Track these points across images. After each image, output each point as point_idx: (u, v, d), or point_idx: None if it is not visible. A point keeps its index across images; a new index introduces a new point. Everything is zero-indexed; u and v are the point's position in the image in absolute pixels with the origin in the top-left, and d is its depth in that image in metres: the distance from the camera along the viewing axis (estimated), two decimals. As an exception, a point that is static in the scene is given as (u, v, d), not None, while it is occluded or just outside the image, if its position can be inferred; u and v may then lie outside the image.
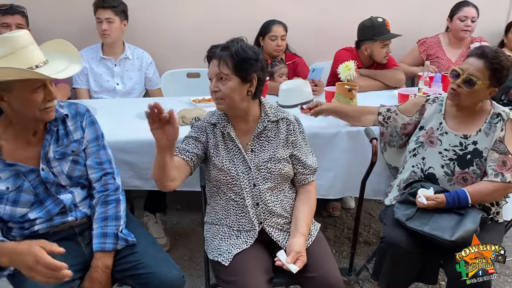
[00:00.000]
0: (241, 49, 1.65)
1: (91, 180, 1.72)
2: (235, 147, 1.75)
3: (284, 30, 3.03)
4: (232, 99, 1.67)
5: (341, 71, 2.38)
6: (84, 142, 1.70)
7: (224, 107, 1.71)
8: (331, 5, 3.47)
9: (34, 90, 1.47)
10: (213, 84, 1.68)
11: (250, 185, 1.72)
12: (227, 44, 1.68)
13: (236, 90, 1.66)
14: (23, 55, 1.44)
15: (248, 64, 1.65)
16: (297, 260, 1.59)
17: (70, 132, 1.68)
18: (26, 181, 1.58)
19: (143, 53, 3.14)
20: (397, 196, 2.03)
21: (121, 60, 3.05)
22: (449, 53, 3.28)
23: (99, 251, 1.61)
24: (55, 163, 1.63)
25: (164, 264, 1.62)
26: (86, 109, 1.74)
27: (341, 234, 2.90)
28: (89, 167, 1.71)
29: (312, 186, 1.84)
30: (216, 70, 1.65)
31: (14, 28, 2.80)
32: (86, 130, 1.71)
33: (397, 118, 2.16)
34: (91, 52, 3.05)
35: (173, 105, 2.59)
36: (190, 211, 3.13)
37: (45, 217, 1.62)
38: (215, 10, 3.36)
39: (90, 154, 1.72)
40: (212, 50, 1.69)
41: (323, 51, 3.41)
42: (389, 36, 2.87)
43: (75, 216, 1.67)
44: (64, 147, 1.66)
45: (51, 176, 1.62)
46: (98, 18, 2.91)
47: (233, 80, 1.65)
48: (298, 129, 1.82)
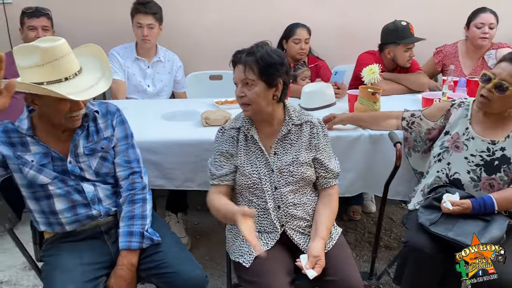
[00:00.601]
0: (266, 54, 1.66)
1: (119, 177, 1.75)
2: (257, 150, 1.76)
3: (308, 34, 3.04)
4: (258, 104, 1.69)
5: (365, 74, 2.38)
6: (114, 140, 1.74)
7: (250, 113, 1.72)
8: (353, 8, 3.47)
9: (61, 99, 1.50)
10: (239, 90, 1.69)
11: (272, 188, 1.73)
12: (252, 49, 1.68)
13: (262, 95, 1.68)
14: (57, 66, 1.48)
15: (274, 69, 1.66)
16: (316, 265, 1.59)
17: (101, 129, 1.72)
18: (51, 164, 1.63)
19: (174, 56, 3.20)
20: (421, 201, 2.01)
21: (154, 62, 3.11)
22: (464, 65, 3.15)
23: (125, 249, 1.64)
24: (83, 158, 1.68)
25: (188, 264, 1.64)
26: (117, 108, 1.78)
27: (361, 238, 2.88)
28: (117, 165, 1.75)
29: (334, 190, 1.83)
30: (242, 76, 1.67)
31: (40, 30, 2.89)
32: (116, 129, 1.75)
33: (421, 123, 2.15)
34: (125, 50, 3.09)
35: (197, 106, 2.64)
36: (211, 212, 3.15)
37: (69, 205, 1.66)
38: (237, 13, 3.41)
39: (119, 152, 1.76)
40: (237, 55, 1.70)
41: (345, 54, 3.42)
42: (412, 40, 2.85)
43: (98, 210, 1.70)
44: (94, 144, 1.70)
45: (77, 170, 1.67)
46: (139, 23, 2.94)
47: (259, 85, 1.66)
48: (321, 133, 1.82)
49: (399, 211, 3.18)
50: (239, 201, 1.80)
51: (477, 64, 3.12)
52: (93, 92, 1.53)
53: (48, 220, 1.68)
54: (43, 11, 2.96)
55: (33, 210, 1.68)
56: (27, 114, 1.63)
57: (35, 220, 1.71)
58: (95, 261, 1.63)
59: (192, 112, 2.55)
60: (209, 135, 2.20)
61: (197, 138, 2.20)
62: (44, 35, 2.83)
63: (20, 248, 1.77)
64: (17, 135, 1.61)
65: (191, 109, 2.62)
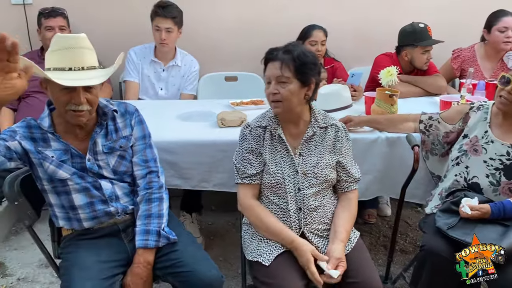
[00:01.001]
0: (302, 53, 1.68)
1: (136, 176, 1.77)
2: (283, 150, 1.76)
3: (324, 35, 3.03)
4: (290, 102, 1.69)
5: (383, 77, 2.36)
6: (132, 139, 1.76)
7: (281, 110, 1.72)
8: (370, 9, 3.46)
9: (61, 89, 1.53)
10: (273, 87, 1.69)
11: (295, 189, 1.73)
12: (288, 47, 1.70)
13: (295, 94, 1.69)
14: (66, 55, 1.53)
15: (308, 68, 1.68)
16: (338, 267, 1.59)
17: (119, 128, 1.74)
18: (70, 160, 1.66)
19: (192, 61, 3.18)
20: (438, 204, 1.99)
21: (169, 66, 3.10)
22: (484, 68, 3.10)
23: (142, 247, 1.66)
24: (102, 156, 1.70)
25: (204, 263, 1.65)
26: (135, 109, 1.80)
27: (376, 241, 2.86)
28: (135, 164, 1.76)
29: (354, 194, 1.83)
30: (278, 72, 1.67)
31: (57, 30, 2.93)
32: (135, 128, 1.77)
33: (439, 126, 2.13)
34: (144, 51, 3.10)
35: (212, 107, 2.65)
36: (225, 212, 3.16)
37: (88, 201, 1.68)
38: (253, 15, 3.41)
39: (137, 151, 1.77)
40: (273, 52, 1.71)
41: (361, 56, 3.40)
42: (430, 42, 2.82)
43: (116, 207, 1.71)
44: (113, 142, 1.72)
45: (95, 167, 1.69)
46: (157, 27, 2.92)
47: (294, 84, 1.68)
48: (345, 137, 1.83)
49: (414, 215, 3.14)
50: (262, 200, 1.80)
51: (497, 67, 3.08)
52: (79, 83, 1.52)
53: (67, 215, 1.71)
54: (59, 11, 3.01)
55: (53, 205, 1.71)
56: (48, 112, 1.67)
57: (54, 215, 1.73)
58: (112, 259, 1.64)
59: (208, 113, 2.56)
60: (225, 136, 2.22)
61: (213, 138, 2.21)
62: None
63: (39, 244, 1.78)
64: (38, 131, 1.64)
65: (207, 110, 2.63)
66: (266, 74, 1.73)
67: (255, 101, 2.77)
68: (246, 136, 1.80)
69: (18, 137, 1.60)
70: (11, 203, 1.71)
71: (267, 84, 1.74)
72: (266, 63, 1.74)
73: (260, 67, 3.39)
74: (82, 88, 1.54)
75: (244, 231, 1.86)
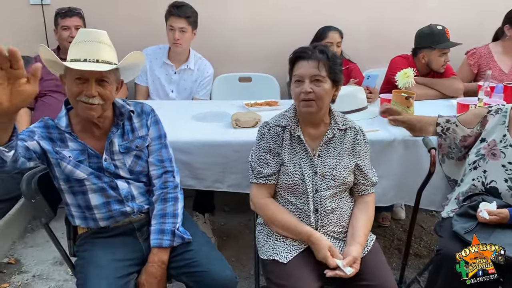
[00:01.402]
0: (334, 54, 1.71)
1: (152, 176, 1.77)
2: (303, 151, 1.76)
3: (340, 37, 3.01)
4: (323, 102, 1.70)
5: (399, 78, 2.34)
6: (148, 139, 1.77)
7: (314, 109, 1.71)
8: (386, 10, 3.44)
9: (74, 80, 1.56)
10: (307, 85, 1.68)
11: (313, 191, 1.72)
12: (321, 47, 1.71)
13: (328, 93, 1.70)
14: (84, 47, 1.56)
15: (339, 70, 1.70)
16: (351, 267, 1.58)
17: (136, 128, 1.75)
18: (87, 160, 1.67)
19: (206, 65, 3.13)
20: (455, 209, 1.96)
21: (181, 69, 3.07)
22: (502, 64, 3.09)
23: (156, 246, 1.66)
24: (118, 156, 1.71)
25: (218, 264, 1.65)
26: (151, 109, 1.81)
27: (390, 245, 2.83)
28: (150, 164, 1.77)
29: (371, 197, 1.82)
30: (315, 71, 1.67)
31: (73, 29, 2.96)
32: (151, 129, 1.77)
33: (456, 130, 2.10)
34: (157, 52, 3.07)
35: (227, 108, 2.65)
36: (238, 213, 3.16)
37: (104, 201, 1.69)
38: (269, 15, 3.40)
39: (153, 151, 1.78)
40: (306, 51, 1.70)
41: (377, 57, 3.38)
42: (448, 45, 2.79)
43: (131, 207, 1.72)
44: (129, 142, 1.73)
45: (112, 167, 1.70)
46: (171, 26, 2.90)
47: (327, 83, 1.69)
48: (363, 140, 1.82)
49: (429, 219, 3.11)
50: (278, 200, 1.79)
51: None
52: (86, 67, 1.52)
53: (84, 215, 1.72)
54: (75, 11, 3.05)
55: (69, 204, 1.72)
56: (65, 112, 1.68)
57: (70, 214, 1.75)
58: (127, 258, 1.65)
59: (222, 114, 2.57)
60: (239, 137, 2.22)
61: (227, 139, 2.21)
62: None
63: (55, 242, 1.80)
64: (56, 131, 1.66)
65: (221, 111, 2.63)
66: (297, 73, 1.70)
67: (269, 102, 2.76)
68: (264, 135, 1.78)
69: (37, 137, 1.61)
70: (28, 201, 1.73)
71: (297, 83, 1.71)
72: (295, 61, 1.72)
73: (274, 68, 3.43)
74: (95, 81, 1.55)
75: (258, 231, 1.85)
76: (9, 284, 2.45)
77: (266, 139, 1.77)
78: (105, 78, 1.58)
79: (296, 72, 1.71)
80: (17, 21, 3.29)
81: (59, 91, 2.90)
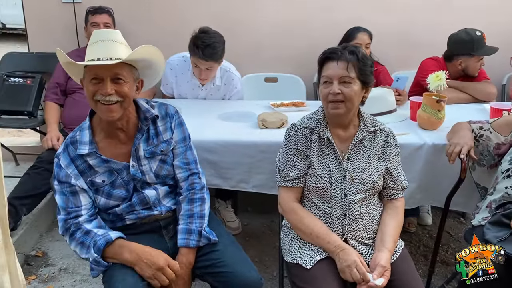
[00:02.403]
0: (364, 55, 1.67)
1: (178, 179, 1.76)
2: (332, 153, 1.73)
3: (369, 38, 2.97)
4: (352, 103, 1.67)
5: (431, 81, 2.28)
6: (173, 142, 1.75)
7: (342, 111, 1.68)
8: (418, 13, 3.37)
9: (90, 80, 1.56)
10: (336, 86, 1.65)
11: (341, 195, 1.69)
12: (351, 48, 1.68)
13: (357, 95, 1.67)
14: (97, 47, 1.57)
15: (369, 71, 1.67)
16: (382, 276, 1.54)
17: (160, 132, 1.73)
18: (119, 178, 1.67)
19: (233, 79, 2.90)
20: (487, 217, 1.90)
21: (208, 85, 2.88)
22: None
23: (183, 246, 1.66)
24: (144, 161, 1.70)
25: (244, 264, 1.64)
26: (175, 111, 1.79)
27: (416, 251, 2.77)
28: (176, 167, 1.76)
29: (401, 202, 1.78)
30: (344, 72, 1.65)
31: (102, 26, 2.99)
32: (175, 131, 1.75)
33: (490, 137, 2.03)
34: (182, 65, 2.86)
35: (252, 108, 2.65)
36: (261, 214, 3.14)
37: (129, 209, 1.71)
38: (297, 16, 3.37)
39: (178, 154, 1.76)
40: (336, 52, 1.67)
41: (406, 59, 3.33)
42: (487, 52, 2.72)
43: (159, 211, 1.74)
44: (154, 147, 1.71)
45: (139, 174, 1.69)
46: (195, 64, 2.66)
47: (356, 85, 1.66)
48: (393, 143, 1.78)
49: (457, 226, 3.03)
50: (305, 204, 1.77)
51: None
52: (94, 62, 1.54)
53: (111, 219, 1.74)
54: (105, 8, 3.11)
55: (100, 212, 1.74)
56: (89, 123, 1.67)
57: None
58: None
59: (248, 114, 2.56)
60: (265, 137, 2.21)
61: (253, 139, 2.21)
62: None
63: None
64: (81, 161, 1.65)
65: (247, 111, 2.63)
66: (326, 74, 1.68)
67: (295, 102, 2.74)
68: (292, 137, 1.76)
69: (73, 181, 1.63)
70: (58, 196, 1.75)
71: (325, 84, 1.69)
72: (324, 62, 1.70)
73: (300, 69, 3.40)
74: (110, 80, 1.55)
75: (284, 233, 1.83)
76: (36, 276, 2.50)
77: (293, 141, 1.74)
78: (119, 76, 1.57)
79: (325, 73, 1.69)
80: (49, 18, 3.35)
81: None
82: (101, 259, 1.56)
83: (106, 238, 1.57)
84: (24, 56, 3.46)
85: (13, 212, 2.46)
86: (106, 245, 1.56)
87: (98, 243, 1.56)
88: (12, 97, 3.06)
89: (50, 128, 2.86)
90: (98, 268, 1.57)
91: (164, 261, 1.57)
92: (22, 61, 3.39)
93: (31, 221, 2.74)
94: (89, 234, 1.60)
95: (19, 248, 2.52)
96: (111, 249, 1.57)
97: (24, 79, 3.13)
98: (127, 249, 1.57)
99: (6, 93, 3.07)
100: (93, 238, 1.58)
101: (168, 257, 1.60)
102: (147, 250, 1.58)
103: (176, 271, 1.58)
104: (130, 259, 1.56)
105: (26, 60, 3.39)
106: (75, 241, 1.61)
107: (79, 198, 1.63)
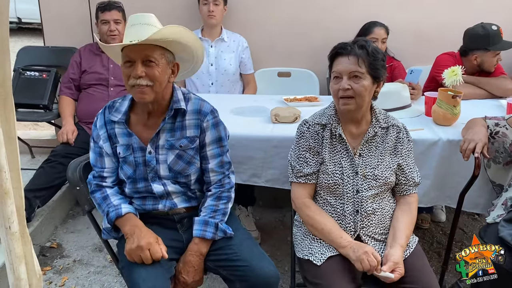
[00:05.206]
0: (375, 49, 1.64)
1: (211, 181, 1.75)
2: (343, 150, 1.72)
3: (385, 33, 2.94)
4: (362, 99, 1.65)
5: (447, 76, 2.25)
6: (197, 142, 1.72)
7: (352, 107, 1.66)
8: (435, 9, 3.31)
9: (124, 63, 1.61)
10: (345, 82, 1.63)
11: (353, 191, 1.68)
12: (361, 42, 1.65)
13: (368, 90, 1.64)
14: (132, 30, 1.60)
15: (380, 65, 1.64)
16: (394, 271, 1.54)
17: (185, 127, 1.70)
18: (132, 155, 1.70)
19: (240, 37, 3.24)
20: (502, 214, 1.88)
21: (217, 41, 3.16)
22: None
23: (199, 237, 1.66)
24: (163, 151, 1.70)
25: (261, 259, 1.63)
26: (211, 110, 1.73)
27: (429, 248, 2.76)
28: (211, 170, 1.74)
29: (414, 198, 1.76)
30: (354, 67, 1.62)
31: (112, 23, 2.96)
32: (208, 133, 1.71)
33: (507, 133, 2.00)
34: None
35: (265, 103, 2.64)
36: (272, 209, 3.15)
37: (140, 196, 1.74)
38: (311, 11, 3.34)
39: (212, 157, 1.74)
40: (346, 47, 1.65)
41: (421, 54, 3.28)
42: (504, 46, 2.67)
43: (164, 205, 1.74)
44: (175, 140, 1.70)
45: (153, 162, 1.70)
46: (205, 0, 3.05)
47: (367, 80, 1.63)
48: (406, 138, 1.76)
49: (471, 223, 3.01)
50: (317, 200, 1.76)
51: None
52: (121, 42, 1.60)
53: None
54: (114, 4, 3.04)
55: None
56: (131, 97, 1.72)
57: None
58: (168, 245, 1.64)
59: (261, 109, 2.56)
60: (278, 132, 2.20)
61: (266, 134, 2.20)
62: (116, 28, 2.96)
63: (97, 229, 1.84)
64: (111, 126, 1.72)
65: (260, 105, 2.62)
66: (336, 69, 1.66)
67: (309, 97, 2.73)
68: (304, 133, 1.75)
69: (102, 142, 1.72)
70: (73, 188, 1.78)
71: (336, 79, 1.67)
72: (335, 57, 1.68)
73: (314, 64, 3.37)
74: (141, 62, 1.57)
75: (297, 228, 1.83)
76: (51, 267, 2.54)
77: (305, 138, 1.73)
78: (150, 59, 1.58)
79: (335, 69, 1.67)
80: (64, 13, 3.37)
81: (101, 83, 2.95)
82: (112, 231, 1.71)
83: (117, 211, 1.66)
84: (39, 50, 3.50)
85: (26, 205, 2.50)
86: (116, 218, 1.66)
87: (110, 215, 1.67)
88: (28, 90, 3.10)
89: (65, 122, 2.89)
90: (108, 235, 1.74)
91: (146, 244, 1.56)
92: (38, 55, 3.42)
93: (46, 213, 2.79)
94: (106, 200, 1.71)
95: (34, 239, 2.57)
96: (119, 221, 1.67)
97: (40, 73, 3.17)
98: (130, 222, 1.65)
99: (22, 86, 3.11)
100: (108, 206, 1.69)
101: (155, 243, 1.58)
102: (142, 229, 1.62)
103: (155, 258, 1.56)
104: (127, 232, 1.63)
105: (41, 54, 3.43)
106: (95, 199, 1.74)
107: (104, 160, 1.74)
